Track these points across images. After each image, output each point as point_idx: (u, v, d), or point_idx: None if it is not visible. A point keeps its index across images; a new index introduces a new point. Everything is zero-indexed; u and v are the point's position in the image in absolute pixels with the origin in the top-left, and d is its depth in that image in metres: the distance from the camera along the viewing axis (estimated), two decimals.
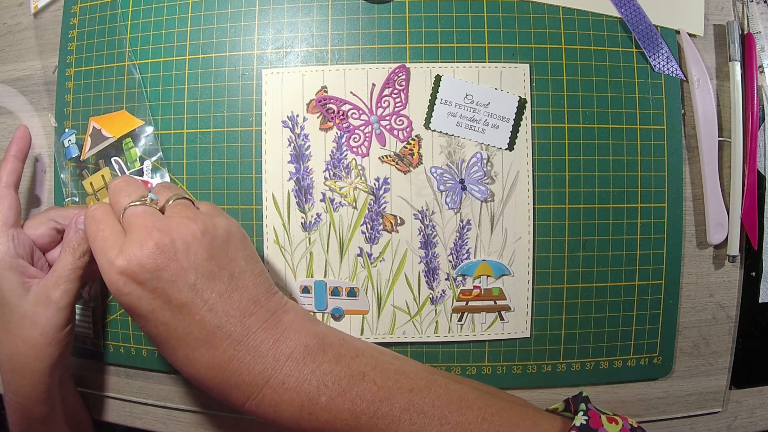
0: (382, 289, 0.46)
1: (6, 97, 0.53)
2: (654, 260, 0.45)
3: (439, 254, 0.45)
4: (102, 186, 0.49)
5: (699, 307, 0.46)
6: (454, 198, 0.45)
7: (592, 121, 0.45)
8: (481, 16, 0.46)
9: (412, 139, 0.45)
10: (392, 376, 0.35)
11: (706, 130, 0.45)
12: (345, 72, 0.46)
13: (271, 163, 0.46)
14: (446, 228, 0.45)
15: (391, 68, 0.45)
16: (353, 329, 0.46)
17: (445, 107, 0.45)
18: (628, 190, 0.45)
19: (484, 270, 0.45)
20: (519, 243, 0.45)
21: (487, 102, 0.45)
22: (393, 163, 0.45)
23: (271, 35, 0.47)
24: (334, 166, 0.46)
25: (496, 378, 0.46)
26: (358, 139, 0.45)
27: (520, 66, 0.45)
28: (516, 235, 0.45)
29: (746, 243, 0.45)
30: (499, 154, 0.45)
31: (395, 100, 0.45)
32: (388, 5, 0.46)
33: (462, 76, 0.45)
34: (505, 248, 0.45)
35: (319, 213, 0.46)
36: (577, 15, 0.46)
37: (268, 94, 0.46)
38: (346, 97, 0.46)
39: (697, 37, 0.46)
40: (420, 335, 0.46)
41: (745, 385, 0.47)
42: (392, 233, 0.45)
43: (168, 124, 0.48)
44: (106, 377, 0.51)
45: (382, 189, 0.45)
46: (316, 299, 0.46)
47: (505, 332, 0.45)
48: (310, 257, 0.46)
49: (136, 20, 0.48)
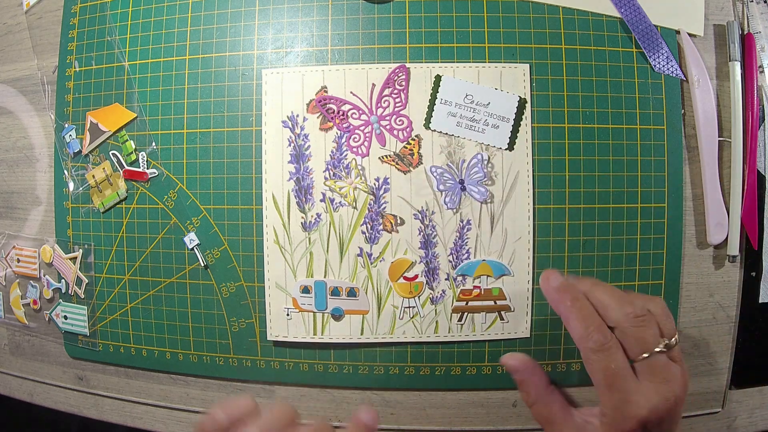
0: (382, 289, 0.46)
1: (6, 97, 0.53)
2: (654, 260, 0.45)
3: (439, 254, 0.45)
4: (103, 179, 0.49)
5: (699, 307, 0.46)
6: (453, 198, 0.45)
7: (592, 121, 0.45)
8: (481, 16, 0.46)
9: (412, 139, 0.45)
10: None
11: (706, 130, 0.45)
12: (345, 72, 0.46)
13: (271, 163, 0.46)
14: (446, 228, 0.45)
15: (391, 68, 0.45)
16: (353, 329, 0.46)
17: (445, 107, 0.45)
18: (628, 190, 0.45)
19: (484, 270, 0.45)
20: (519, 243, 0.45)
21: (487, 102, 0.45)
22: (393, 163, 0.45)
23: (271, 35, 0.47)
24: (334, 166, 0.46)
25: (497, 378, 0.46)
26: (358, 139, 0.45)
27: (520, 66, 0.45)
28: (516, 235, 0.45)
29: (746, 243, 0.45)
30: (499, 154, 0.45)
31: (395, 100, 0.45)
32: (388, 5, 0.46)
33: (462, 76, 0.45)
34: (505, 248, 0.45)
35: (319, 213, 0.46)
36: (577, 15, 0.46)
37: (268, 94, 0.46)
38: (346, 97, 0.46)
39: (697, 37, 0.46)
40: (420, 335, 0.46)
41: (745, 385, 0.47)
42: (392, 233, 0.45)
43: (168, 124, 0.48)
44: (106, 377, 0.51)
45: (382, 189, 0.45)
46: (316, 299, 0.46)
47: (505, 332, 0.45)
48: (310, 257, 0.46)
49: (135, 20, 0.49)
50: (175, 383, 0.50)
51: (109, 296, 0.49)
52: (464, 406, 0.47)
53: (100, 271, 0.49)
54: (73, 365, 0.52)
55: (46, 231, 0.52)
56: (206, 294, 0.48)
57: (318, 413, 0.48)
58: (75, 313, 0.50)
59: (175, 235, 0.48)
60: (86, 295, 0.50)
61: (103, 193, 0.49)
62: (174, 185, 0.48)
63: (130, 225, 0.49)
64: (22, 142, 0.53)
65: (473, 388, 0.46)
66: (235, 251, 0.47)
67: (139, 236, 0.49)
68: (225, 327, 0.48)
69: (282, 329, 0.47)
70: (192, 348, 0.48)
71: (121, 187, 0.49)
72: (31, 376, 0.54)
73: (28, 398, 0.54)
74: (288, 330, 0.46)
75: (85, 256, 0.50)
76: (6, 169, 0.54)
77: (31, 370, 0.54)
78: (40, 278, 0.52)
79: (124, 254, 0.49)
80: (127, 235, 0.49)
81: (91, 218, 0.50)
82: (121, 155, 0.49)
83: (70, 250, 0.50)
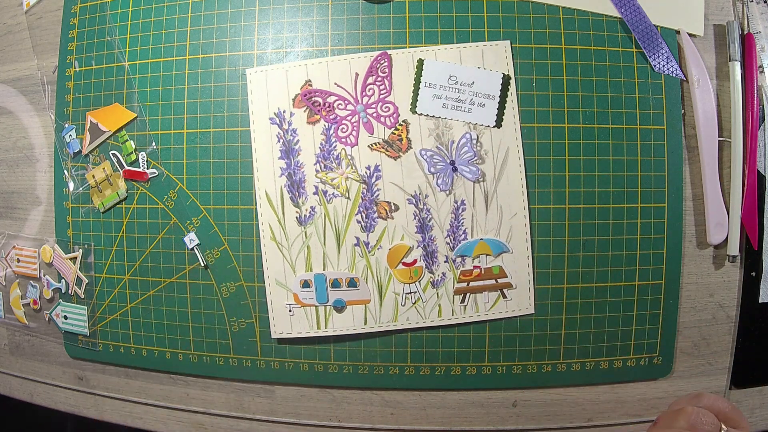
0: (382, 277, 0.46)
1: (6, 97, 0.53)
2: (654, 260, 0.45)
3: (436, 237, 0.45)
4: (103, 179, 0.49)
5: (699, 307, 0.46)
6: (446, 180, 0.45)
7: (592, 121, 0.45)
8: (481, 17, 0.46)
9: (400, 125, 0.45)
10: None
11: (706, 130, 0.45)
12: (328, 64, 0.46)
13: (262, 160, 0.46)
14: (441, 210, 0.45)
15: (373, 56, 0.45)
16: (356, 320, 0.46)
17: (429, 90, 0.45)
18: (628, 190, 0.45)
19: (483, 249, 0.45)
20: (515, 219, 0.45)
21: (471, 81, 0.45)
22: (383, 150, 0.45)
23: (271, 35, 0.47)
24: (324, 158, 0.46)
25: (497, 378, 0.46)
26: (346, 130, 0.46)
27: (501, 43, 0.45)
28: (511, 211, 0.45)
29: (746, 243, 0.45)
30: (487, 132, 0.45)
31: (379, 87, 0.45)
32: (388, 5, 0.46)
33: (444, 58, 0.45)
34: (502, 225, 0.45)
35: (313, 206, 0.46)
36: (577, 15, 0.46)
37: (253, 92, 0.46)
38: (331, 89, 0.46)
39: (697, 37, 0.46)
40: (424, 320, 0.46)
41: (745, 385, 0.47)
42: (387, 220, 0.45)
43: (168, 124, 0.48)
44: (106, 377, 0.51)
45: (373, 177, 0.46)
46: (317, 293, 0.46)
47: (509, 310, 0.45)
48: (308, 251, 0.46)
49: (136, 20, 0.49)
50: (175, 383, 0.50)
51: (109, 296, 0.49)
52: (464, 406, 0.47)
53: (100, 271, 0.50)
54: (73, 365, 0.52)
55: (46, 231, 0.52)
56: (206, 294, 0.48)
57: (318, 413, 0.48)
58: (75, 313, 0.50)
59: (175, 235, 0.48)
60: (86, 295, 0.50)
61: (103, 193, 0.49)
62: (174, 185, 0.48)
63: (130, 225, 0.49)
64: (22, 142, 0.53)
65: (473, 388, 0.46)
66: (235, 251, 0.47)
67: (139, 236, 0.49)
68: (225, 327, 0.48)
69: (285, 326, 0.47)
70: (192, 348, 0.48)
71: (121, 187, 0.49)
72: (31, 376, 0.54)
73: (28, 398, 0.54)
74: (291, 326, 0.46)
75: (85, 256, 0.50)
76: (6, 169, 0.54)
77: (31, 370, 0.54)
78: (40, 278, 0.52)
79: (124, 254, 0.49)
80: (127, 235, 0.49)
81: (91, 218, 0.50)
82: (121, 155, 0.49)
83: (70, 250, 0.50)
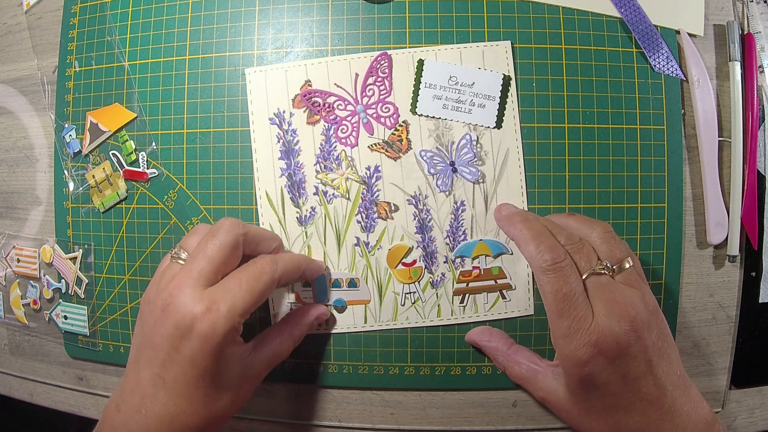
0: (382, 277, 0.46)
1: (6, 97, 0.53)
2: (654, 260, 0.45)
3: (435, 238, 0.45)
4: (103, 179, 0.49)
5: (699, 307, 0.46)
6: (445, 180, 0.45)
7: (592, 121, 0.45)
8: (481, 17, 0.46)
9: (400, 125, 0.45)
10: None
11: (706, 130, 0.45)
12: (327, 64, 0.46)
13: (262, 161, 0.46)
14: (441, 211, 0.45)
15: (373, 56, 0.45)
16: (357, 319, 0.46)
17: (430, 91, 0.45)
18: (628, 190, 0.45)
19: (482, 250, 0.45)
20: None
21: (472, 82, 0.45)
22: (382, 151, 0.45)
23: (271, 35, 0.47)
24: (324, 159, 0.46)
25: (497, 378, 0.46)
26: (346, 130, 0.46)
27: (501, 44, 0.45)
28: None
29: (746, 243, 0.45)
30: (487, 133, 0.45)
31: (379, 88, 0.45)
32: (388, 5, 0.46)
33: (444, 59, 0.45)
34: None
35: (313, 206, 0.46)
36: (577, 15, 0.46)
37: (253, 93, 0.46)
38: (331, 89, 0.46)
39: (697, 37, 0.46)
40: (423, 320, 0.46)
41: (745, 385, 0.47)
42: (387, 220, 0.46)
43: (168, 124, 0.48)
44: (106, 377, 0.51)
45: (373, 177, 0.46)
46: (318, 292, 0.46)
47: (508, 311, 0.45)
48: (308, 251, 0.46)
49: (135, 20, 0.49)
50: None
51: (109, 296, 0.49)
52: (464, 406, 0.47)
53: (100, 271, 0.50)
54: (73, 365, 0.52)
55: (46, 231, 0.52)
56: None
57: (318, 413, 0.48)
58: (75, 313, 0.50)
59: (175, 235, 0.48)
60: (86, 295, 0.50)
61: (103, 193, 0.49)
62: (174, 185, 0.48)
63: (130, 225, 0.49)
64: (22, 142, 0.53)
65: (473, 388, 0.46)
66: None
67: (139, 236, 0.49)
68: None
69: None
70: None
71: (121, 187, 0.49)
72: (31, 376, 0.54)
73: (28, 398, 0.54)
74: None
75: (85, 256, 0.50)
76: (6, 169, 0.54)
77: (31, 370, 0.54)
78: (40, 278, 0.52)
79: (124, 254, 0.49)
80: (127, 235, 0.49)
81: (91, 218, 0.50)
82: (121, 155, 0.49)
83: (70, 250, 0.50)
